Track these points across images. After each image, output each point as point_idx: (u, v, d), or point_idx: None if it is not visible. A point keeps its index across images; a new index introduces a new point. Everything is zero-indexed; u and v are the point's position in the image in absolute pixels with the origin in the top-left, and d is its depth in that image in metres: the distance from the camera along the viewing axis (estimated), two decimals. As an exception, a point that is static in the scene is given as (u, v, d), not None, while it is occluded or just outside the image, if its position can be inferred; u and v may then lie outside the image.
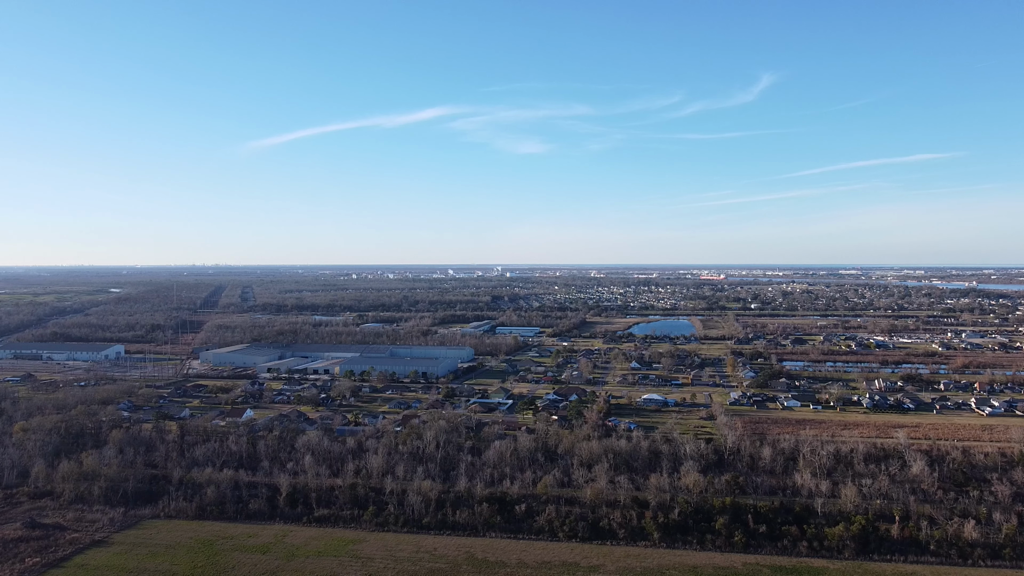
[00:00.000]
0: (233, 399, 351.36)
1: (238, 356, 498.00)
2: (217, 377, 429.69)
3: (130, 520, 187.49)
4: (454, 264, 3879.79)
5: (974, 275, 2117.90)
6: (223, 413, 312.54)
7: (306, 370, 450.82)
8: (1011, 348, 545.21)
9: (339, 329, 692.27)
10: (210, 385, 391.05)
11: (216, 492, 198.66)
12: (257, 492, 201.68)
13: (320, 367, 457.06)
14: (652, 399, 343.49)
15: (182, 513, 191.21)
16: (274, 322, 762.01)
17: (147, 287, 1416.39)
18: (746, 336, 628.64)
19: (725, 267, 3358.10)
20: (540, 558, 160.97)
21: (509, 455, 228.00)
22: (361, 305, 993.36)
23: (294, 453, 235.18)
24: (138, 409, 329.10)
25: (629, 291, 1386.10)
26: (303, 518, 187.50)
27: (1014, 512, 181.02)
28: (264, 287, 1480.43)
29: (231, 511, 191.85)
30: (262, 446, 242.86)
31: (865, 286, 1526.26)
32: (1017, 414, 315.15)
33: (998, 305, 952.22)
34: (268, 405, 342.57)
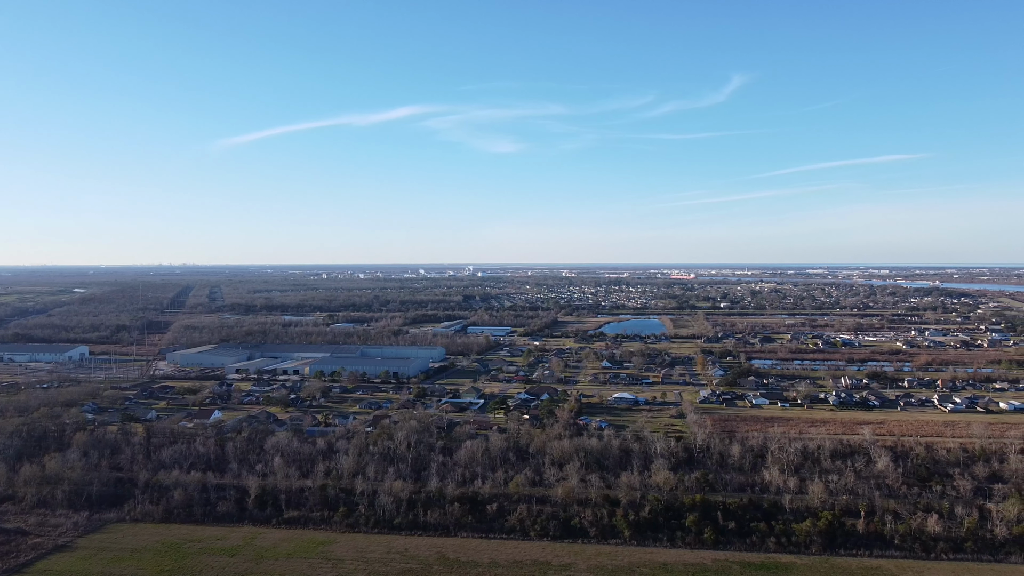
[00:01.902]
0: (201, 400, 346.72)
1: (206, 357, 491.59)
2: (185, 378, 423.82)
3: (95, 524, 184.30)
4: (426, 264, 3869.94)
5: (937, 274, 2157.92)
6: (191, 414, 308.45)
7: (275, 371, 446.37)
8: (972, 346, 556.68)
9: (309, 329, 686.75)
10: (177, 386, 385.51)
11: (183, 495, 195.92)
12: (226, 494, 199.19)
13: (290, 367, 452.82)
14: (623, 398, 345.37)
15: (148, 516, 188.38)
16: (243, 322, 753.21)
17: (113, 287, 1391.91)
18: (716, 335, 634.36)
19: (695, 266, 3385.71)
20: (512, 557, 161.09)
21: (481, 455, 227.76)
22: (331, 305, 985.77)
23: (263, 454, 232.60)
24: (103, 411, 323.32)
25: (600, 290, 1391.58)
26: (272, 520, 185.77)
27: (975, 506, 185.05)
28: (233, 287, 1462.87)
29: (199, 514, 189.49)
30: (231, 448, 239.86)
31: (832, 285, 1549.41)
32: (978, 410, 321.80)
33: (960, 304, 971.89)
34: (237, 406, 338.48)
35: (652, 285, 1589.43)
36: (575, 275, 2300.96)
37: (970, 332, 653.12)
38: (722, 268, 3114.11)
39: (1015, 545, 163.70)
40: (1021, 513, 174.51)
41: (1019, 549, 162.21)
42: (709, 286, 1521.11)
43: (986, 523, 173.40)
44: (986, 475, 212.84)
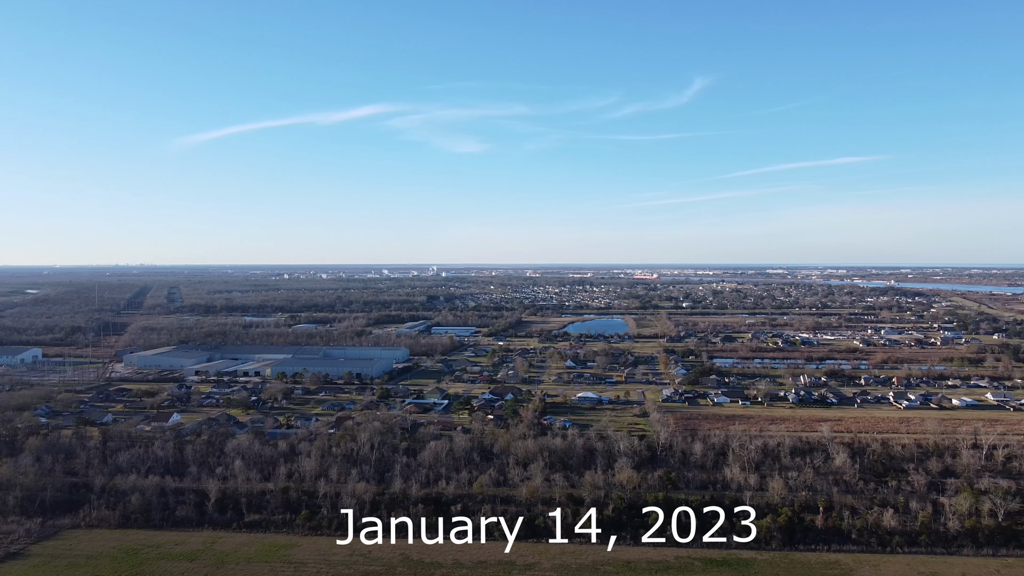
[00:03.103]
0: (159, 403, 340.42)
1: (164, 358, 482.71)
2: (142, 380, 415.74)
3: (48, 531, 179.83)
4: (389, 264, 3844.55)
5: (892, 274, 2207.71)
6: (148, 417, 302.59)
7: (236, 372, 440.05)
8: (926, 344, 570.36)
9: (271, 330, 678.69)
10: (135, 389, 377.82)
11: (141, 499, 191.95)
12: (185, 498, 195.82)
13: (251, 369, 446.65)
14: (587, 397, 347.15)
15: (105, 522, 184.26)
16: (202, 323, 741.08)
17: (67, 288, 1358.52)
18: (678, 334, 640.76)
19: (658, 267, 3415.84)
20: (476, 558, 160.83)
21: (445, 455, 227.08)
22: (293, 306, 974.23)
23: (224, 457, 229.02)
24: (57, 415, 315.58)
25: (564, 290, 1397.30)
26: (233, 524, 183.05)
27: (929, 500, 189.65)
28: (192, 287, 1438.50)
29: (157, 518, 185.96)
30: (190, 451, 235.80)
31: (791, 285, 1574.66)
32: (931, 407, 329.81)
33: (914, 303, 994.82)
34: (196, 409, 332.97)
35: (616, 285, 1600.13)
36: (539, 275, 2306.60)
37: (924, 331, 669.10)
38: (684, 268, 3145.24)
39: (967, 538, 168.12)
40: (973, 507, 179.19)
41: (971, 542, 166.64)
42: (672, 286, 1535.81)
43: (939, 517, 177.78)
44: (939, 470, 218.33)
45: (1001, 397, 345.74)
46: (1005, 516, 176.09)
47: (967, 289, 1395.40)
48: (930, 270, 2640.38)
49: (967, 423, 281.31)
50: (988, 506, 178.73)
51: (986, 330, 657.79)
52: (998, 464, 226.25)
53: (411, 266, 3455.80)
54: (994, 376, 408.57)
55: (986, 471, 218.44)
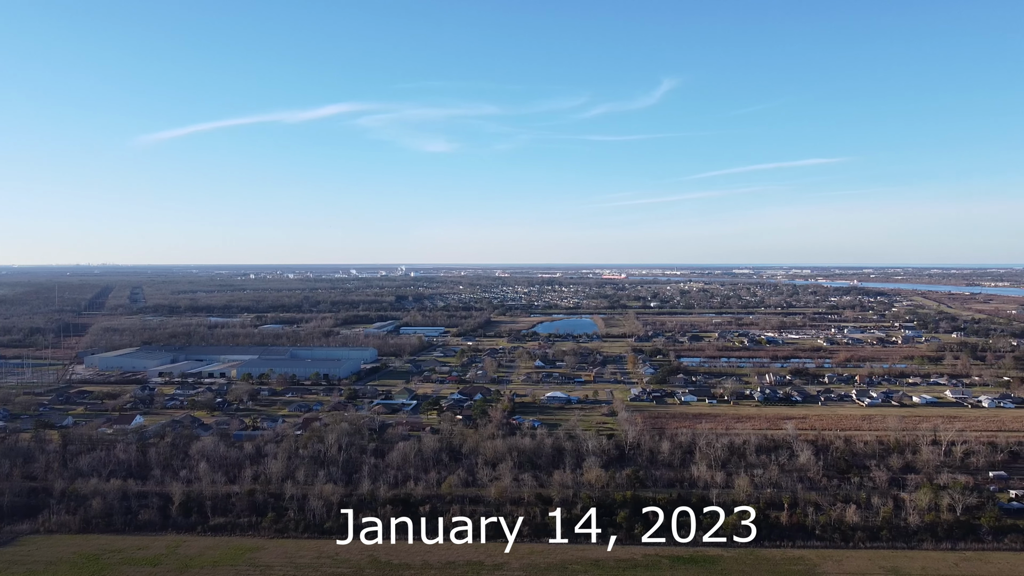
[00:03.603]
0: (121, 405, 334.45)
1: (127, 360, 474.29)
2: (104, 382, 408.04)
3: (6, 537, 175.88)
4: (357, 264, 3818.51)
5: (855, 274, 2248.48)
6: (110, 420, 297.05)
7: (201, 373, 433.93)
8: (888, 343, 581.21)
9: (236, 331, 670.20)
10: (96, 391, 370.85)
11: (103, 503, 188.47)
12: (148, 502, 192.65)
13: (216, 370, 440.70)
14: (556, 397, 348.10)
15: (65, 527, 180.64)
16: (166, 324, 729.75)
17: (26, 288, 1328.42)
18: (646, 334, 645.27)
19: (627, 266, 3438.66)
20: (445, 558, 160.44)
21: (413, 456, 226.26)
22: (260, 306, 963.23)
23: (188, 460, 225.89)
24: (15, 418, 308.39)
25: (534, 290, 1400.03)
26: (198, 527, 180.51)
27: (890, 496, 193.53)
28: (156, 288, 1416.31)
29: (119, 523, 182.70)
30: (153, 453, 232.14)
31: (757, 285, 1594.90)
32: (893, 404, 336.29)
33: (876, 302, 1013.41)
34: (160, 411, 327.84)
35: (584, 285, 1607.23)
36: (508, 275, 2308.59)
37: (886, 329, 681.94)
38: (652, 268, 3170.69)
39: (927, 532, 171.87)
40: (932, 502, 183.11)
41: (930, 536, 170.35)
42: (640, 286, 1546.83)
43: (900, 512, 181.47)
44: (900, 466, 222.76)
45: (960, 394, 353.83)
46: (963, 510, 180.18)
47: (927, 289, 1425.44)
48: (892, 270, 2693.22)
49: (927, 420, 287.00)
50: (947, 501, 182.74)
51: (945, 329, 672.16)
52: (957, 460, 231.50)
53: (380, 266, 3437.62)
54: (953, 374, 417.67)
55: (945, 467, 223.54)
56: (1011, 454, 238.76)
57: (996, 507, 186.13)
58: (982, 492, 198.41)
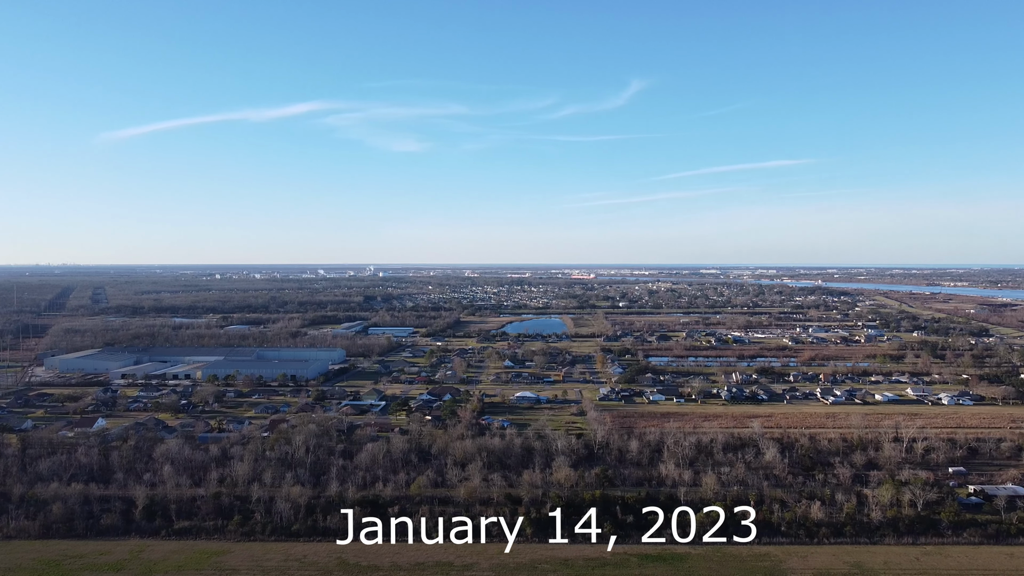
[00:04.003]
0: (83, 408, 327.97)
1: (89, 361, 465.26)
2: (65, 385, 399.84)
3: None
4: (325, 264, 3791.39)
5: (819, 274, 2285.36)
6: (72, 423, 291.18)
7: (165, 375, 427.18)
8: (851, 341, 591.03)
9: (202, 331, 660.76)
10: (56, 393, 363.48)
11: (63, 508, 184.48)
12: (110, 506, 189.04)
13: (181, 372, 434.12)
14: (525, 397, 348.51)
15: (24, 533, 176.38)
16: (130, 325, 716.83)
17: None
18: (615, 333, 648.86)
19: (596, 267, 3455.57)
20: (414, 559, 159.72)
21: (382, 457, 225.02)
22: (226, 306, 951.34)
23: (152, 463, 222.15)
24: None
25: (503, 290, 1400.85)
26: (162, 531, 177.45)
27: (854, 492, 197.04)
28: (119, 288, 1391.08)
29: (81, 528, 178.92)
30: (116, 457, 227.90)
31: (724, 284, 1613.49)
32: (856, 402, 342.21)
33: (840, 302, 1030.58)
34: (123, 413, 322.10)
35: (553, 285, 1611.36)
36: (478, 275, 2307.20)
37: (849, 329, 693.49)
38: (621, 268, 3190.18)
39: (889, 527, 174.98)
40: (894, 497, 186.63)
41: (892, 531, 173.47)
42: (609, 286, 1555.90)
43: (863, 508, 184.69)
44: (863, 463, 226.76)
45: (920, 392, 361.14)
46: (924, 506, 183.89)
47: (889, 289, 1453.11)
48: (855, 270, 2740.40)
49: (889, 417, 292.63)
50: (908, 496, 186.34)
51: (907, 328, 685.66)
52: (917, 456, 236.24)
53: (348, 266, 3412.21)
54: (914, 372, 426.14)
55: (906, 463, 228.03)
56: (970, 450, 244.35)
57: (955, 502, 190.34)
58: (942, 488, 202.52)
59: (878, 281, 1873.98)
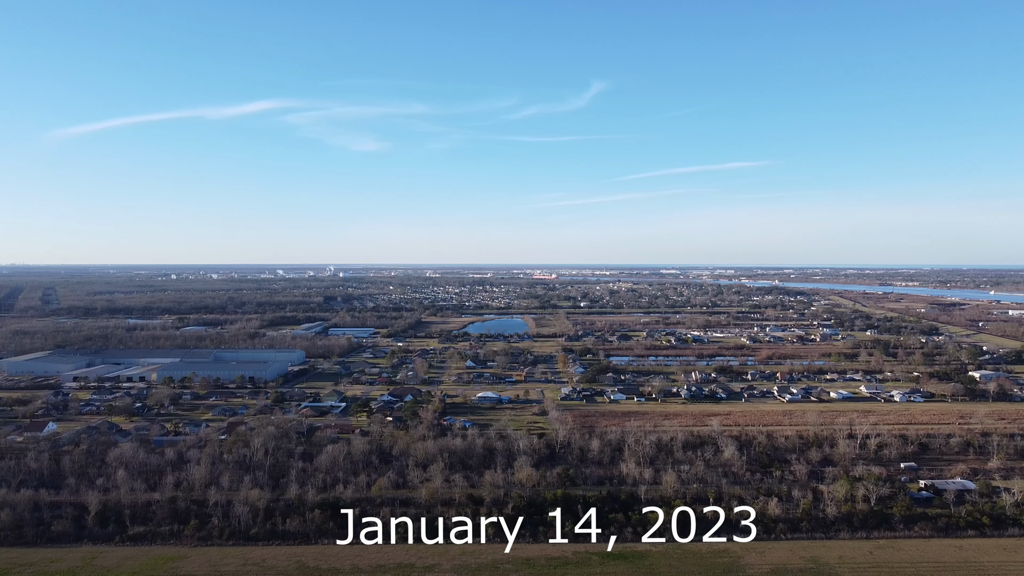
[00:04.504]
0: (33, 412, 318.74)
1: (38, 364, 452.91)
2: (13, 388, 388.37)
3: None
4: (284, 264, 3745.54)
5: (776, 274, 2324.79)
6: (21, 427, 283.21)
7: (119, 378, 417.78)
8: (807, 340, 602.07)
9: (157, 333, 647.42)
10: (5, 397, 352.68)
11: (12, 515, 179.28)
12: (62, 512, 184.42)
13: (135, 374, 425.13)
14: (487, 397, 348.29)
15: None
16: (82, 326, 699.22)
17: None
18: (576, 333, 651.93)
19: (557, 267, 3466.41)
20: (375, 561, 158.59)
21: (342, 459, 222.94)
22: (182, 307, 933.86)
23: (105, 468, 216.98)
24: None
25: (465, 291, 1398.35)
26: (116, 537, 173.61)
27: (809, 488, 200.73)
28: (70, 288, 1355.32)
29: (30, 535, 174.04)
30: (67, 462, 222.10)
31: (683, 285, 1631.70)
32: (812, 400, 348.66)
33: (796, 302, 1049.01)
34: (75, 417, 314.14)
35: (515, 285, 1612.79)
36: (439, 275, 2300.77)
37: (805, 328, 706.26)
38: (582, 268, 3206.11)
39: (843, 523, 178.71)
40: (848, 493, 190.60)
41: (847, 526, 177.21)
42: (570, 286, 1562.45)
43: (819, 503, 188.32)
44: (819, 459, 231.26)
45: (873, 389, 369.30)
46: (877, 501, 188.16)
47: (843, 288, 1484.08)
48: (810, 270, 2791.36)
49: (844, 414, 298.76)
50: (862, 492, 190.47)
51: (860, 327, 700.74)
52: (871, 452, 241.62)
53: (307, 266, 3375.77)
54: (867, 370, 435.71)
55: (860, 459, 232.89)
56: (920, 446, 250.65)
57: (907, 497, 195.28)
58: (894, 483, 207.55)
59: (833, 281, 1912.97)
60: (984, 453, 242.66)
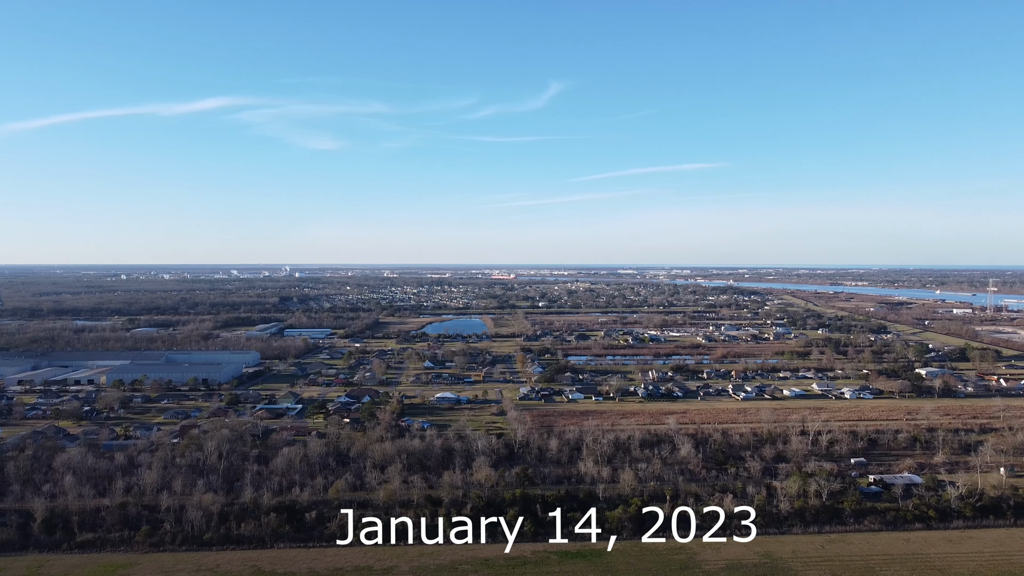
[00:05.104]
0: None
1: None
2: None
3: None
4: (239, 264, 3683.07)
5: (731, 274, 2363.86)
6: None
7: (67, 381, 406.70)
8: (761, 339, 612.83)
9: (106, 335, 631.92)
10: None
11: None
12: (6, 520, 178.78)
13: (84, 377, 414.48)
14: (445, 397, 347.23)
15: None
16: (27, 328, 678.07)
17: None
18: (535, 333, 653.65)
19: (516, 267, 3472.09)
20: (332, 564, 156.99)
21: (299, 461, 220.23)
22: (132, 308, 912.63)
23: (52, 473, 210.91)
24: None
25: (423, 291, 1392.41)
26: (63, 545, 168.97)
27: (763, 485, 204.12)
28: (14, 289, 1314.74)
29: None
30: (12, 468, 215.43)
31: (640, 285, 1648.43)
32: (765, 398, 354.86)
33: (751, 301, 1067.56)
34: (19, 421, 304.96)
35: (474, 285, 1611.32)
36: (397, 275, 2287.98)
37: (759, 327, 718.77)
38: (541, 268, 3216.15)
39: (796, 518, 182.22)
40: (801, 489, 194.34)
41: (800, 521, 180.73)
42: (528, 286, 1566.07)
43: (773, 499, 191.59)
44: (772, 456, 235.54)
45: (825, 387, 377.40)
46: (828, 496, 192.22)
47: (796, 288, 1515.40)
48: (764, 270, 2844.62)
49: (796, 412, 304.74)
50: (814, 487, 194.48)
51: (812, 325, 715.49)
52: (822, 448, 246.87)
53: (262, 266, 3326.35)
54: (819, 368, 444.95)
55: (812, 455, 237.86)
56: (870, 441, 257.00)
57: (857, 491, 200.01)
58: (845, 478, 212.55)
59: (786, 281, 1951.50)
60: (930, 448, 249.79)
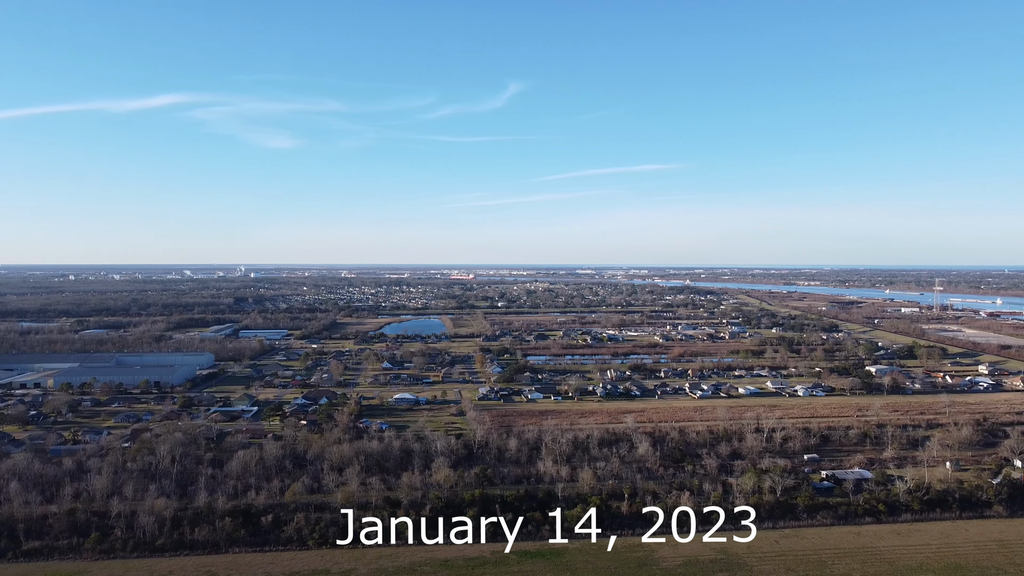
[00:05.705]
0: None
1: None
2: None
3: None
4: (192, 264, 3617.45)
5: (688, 274, 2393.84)
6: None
7: (11, 384, 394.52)
8: (717, 338, 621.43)
9: (53, 337, 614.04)
10: None
11: None
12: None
13: (29, 380, 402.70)
14: (404, 398, 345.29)
15: None
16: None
17: None
18: (494, 333, 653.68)
19: (475, 267, 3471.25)
20: (289, 569, 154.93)
21: (254, 464, 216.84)
22: (81, 310, 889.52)
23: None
24: None
25: (381, 291, 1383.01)
26: (8, 554, 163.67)
27: (720, 481, 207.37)
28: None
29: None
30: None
31: (599, 284, 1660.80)
32: (721, 396, 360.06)
33: (707, 301, 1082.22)
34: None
35: (433, 285, 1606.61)
36: (355, 276, 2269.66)
37: (715, 326, 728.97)
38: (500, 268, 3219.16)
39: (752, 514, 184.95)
40: (756, 485, 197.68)
41: (755, 517, 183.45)
42: (488, 286, 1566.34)
43: (729, 496, 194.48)
44: (728, 453, 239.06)
45: (779, 385, 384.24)
46: (783, 491, 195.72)
47: (751, 288, 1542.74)
48: (720, 270, 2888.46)
49: (751, 409, 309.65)
50: (768, 484, 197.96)
51: (766, 324, 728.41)
52: (777, 445, 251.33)
53: (216, 266, 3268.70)
54: (773, 366, 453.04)
55: (767, 452, 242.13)
56: (822, 438, 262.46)
57: (810, 487, 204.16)
58: (798, 474, 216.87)
59: (741, 280, 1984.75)
60: (880, 444, 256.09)
